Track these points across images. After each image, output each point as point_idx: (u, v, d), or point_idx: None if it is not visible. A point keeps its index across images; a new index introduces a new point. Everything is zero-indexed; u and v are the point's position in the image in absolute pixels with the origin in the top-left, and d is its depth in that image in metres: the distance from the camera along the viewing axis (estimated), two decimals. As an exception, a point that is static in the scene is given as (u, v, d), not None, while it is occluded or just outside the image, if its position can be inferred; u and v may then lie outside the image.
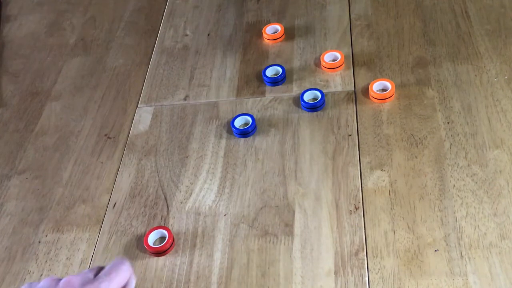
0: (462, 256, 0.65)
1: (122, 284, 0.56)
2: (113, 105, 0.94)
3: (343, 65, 0.90)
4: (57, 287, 0.54)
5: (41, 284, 0.55)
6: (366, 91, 0.86)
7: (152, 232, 0.73)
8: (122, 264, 0.56)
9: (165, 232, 0.73)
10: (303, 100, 0.84)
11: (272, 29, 0.98)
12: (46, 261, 0.74)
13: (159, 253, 0.72)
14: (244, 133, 0.83)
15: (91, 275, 0.56)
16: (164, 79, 0.96)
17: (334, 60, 0.90)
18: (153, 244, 0.72)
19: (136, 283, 0.63)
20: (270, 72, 0.91)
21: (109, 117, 0.92)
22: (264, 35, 0.97)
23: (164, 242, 0.72)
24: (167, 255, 0.72)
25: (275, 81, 0.89)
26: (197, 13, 1.08)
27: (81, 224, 0.78)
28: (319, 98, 0.84)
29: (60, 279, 0.55)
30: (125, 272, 0.56)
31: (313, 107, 0.84)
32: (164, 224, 0.75)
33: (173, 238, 0.73)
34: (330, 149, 0.79)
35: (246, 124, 0.84)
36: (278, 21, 1.01)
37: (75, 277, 0.55)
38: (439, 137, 0.78)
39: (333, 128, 0.82)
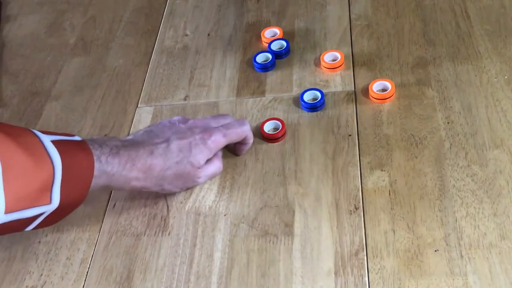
0: (462, 256, 0.65)
1: (228, 142, 0.77)
2: (113, 105, 0.94)
3: (343, 65, 0.90)
4: (186, 125, 0.76)
5: (174, 119, 0.77)
6: (366, 91, 0.86)
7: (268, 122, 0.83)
8: (239, 127, 0.77)
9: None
10: (303, 100, 0.84)
11: (271, 33, 0.98)
12: (46, 261, 0.75)
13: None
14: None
15: (212, 121, 0.78)
16: (164, 79, 0.96)
17: (334, 60, 0.90)
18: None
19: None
20: (275, 45, 0.95)
21: (109, 117, 0.92)
22: (263, 39, 0.97)
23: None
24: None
25: (280, 54, 0.93)
26: (197, 13, 1.08)
27: (81, 224, 0.78)
28: (319, 98, 0.84)
29: (188, 119, 0.78)
30: (236, 135, 0.77)
31: (313, 107, 0.84)
32: (164, 224, 0.75)
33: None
34: (330, 149, 0.79)
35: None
36: (278, 21, 1.01)
37: (200, 121, 0.78)
38: (439, 137, 0.78)
39: (333, 128, 0.82)
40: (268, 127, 0.83)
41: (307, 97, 0.85)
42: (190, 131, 0.74)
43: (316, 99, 0.85)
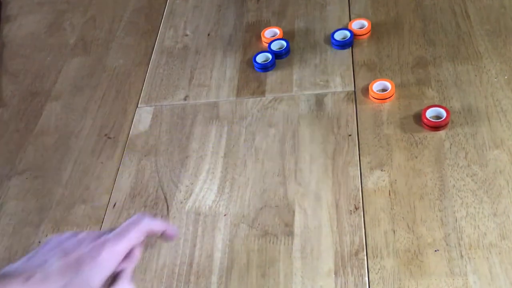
0: (462, 256, 0.65)
1: (129, 247, 0.57)
2: (113, 105, 0.94)
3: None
4: (75, 238, 0.57)
5: (64, 235, 0.59)
6: (366, 91, 0.86)
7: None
8: (136, 223, 0.57)
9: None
10: (333, 39, 0.92)
11: (271, 33, 0.98)
12: (46, 261, 0.74)
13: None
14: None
15: (108, 233, 0.58)
16: (164, 79, 0.96)
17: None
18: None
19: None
20: (275, 45, 0.96)
21: (109, 117, 0.92)
22: (263, 39, 0.97)
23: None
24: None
25: (280, 54, 0.94)
26: (197, 13, 1.08)
27: (81, 224, 0.78)
28: (348, 37, 0.92)
29: (79, 233, 0.58)
30: (136, 233, 0.57)
31: (343, 45, 0.92)
32: (164, 224, 0.75)
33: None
34: (330, 149, 0.79)
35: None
36: (278, 21, 1.01)
37: (93, 232, 0.58)
38: (439, 137, 0.78)
39: (333, 128, 0.82)
40: (429, 114, 0.80)
41: (338, 36, 0.93)
42: (78, 245, 0.57)
43: (345, 38, 0.92)
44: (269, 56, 0.93)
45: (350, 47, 0.93)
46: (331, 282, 0.66)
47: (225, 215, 0.75)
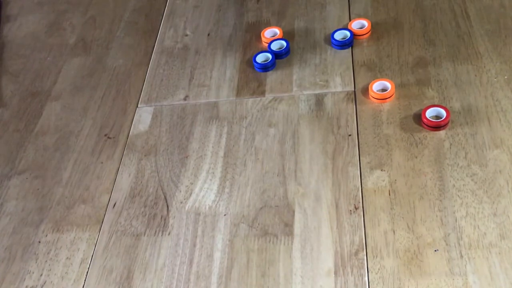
0: (462, 256, 0.65)
1: None
2: (113, 105, 0.94)
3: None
4: None
5: None
6: (366, 91, 0.86)
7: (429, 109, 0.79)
8: None
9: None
10: (333, 39, 0.92)
11: (271, 33, 0.98)
12: (46, 261, 0.75)
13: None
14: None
15: None
16: (164, 79, 0.96)
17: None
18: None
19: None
20: (275, 45, 0.96)
21: (109, 117, 0.92)
22: (263, 39, 0.97)
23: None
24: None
25: (280, 54, 0.95)
26: (197, 13, 1.08)
27: (81, 224, 0.78)
28: (348, 37, 0.92)
29: None
30: None
31: (343, 45, 0.92)
32: (164, 224, 0.75)
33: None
34: (330, 149, 0.79)
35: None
36: (278, 21, 1.01)
37: None
38: (439, 137, 0.78)
39: (333, 128, 0.82)
40: (429, 114, 0.80)
41: (338, 36, 0.93)
42: None
43: (345, 38, 0.93)
44: (269, 56, 0.93)
45: (350, 47, 0.93)
46: (331, 282, 0.66)
47: (225, 215, 0.75)
